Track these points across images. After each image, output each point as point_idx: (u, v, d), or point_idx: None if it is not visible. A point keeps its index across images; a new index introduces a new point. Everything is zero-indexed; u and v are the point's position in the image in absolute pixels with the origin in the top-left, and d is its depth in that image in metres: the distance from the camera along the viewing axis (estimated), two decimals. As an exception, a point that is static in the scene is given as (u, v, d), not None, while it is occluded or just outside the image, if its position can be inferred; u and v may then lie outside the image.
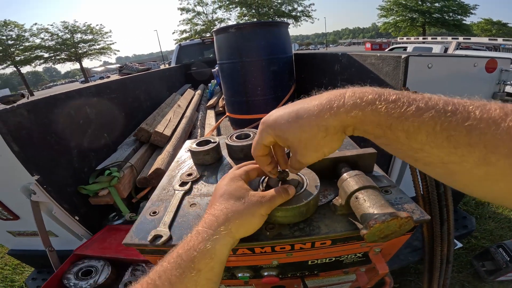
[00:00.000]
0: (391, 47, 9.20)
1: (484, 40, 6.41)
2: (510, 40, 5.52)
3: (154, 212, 0.57)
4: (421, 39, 7.36)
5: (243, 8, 27.25)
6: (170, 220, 0.53)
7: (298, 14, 28.29)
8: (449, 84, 1.14)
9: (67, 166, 1.25)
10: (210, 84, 3.75)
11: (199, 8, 27.94)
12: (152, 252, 0.51)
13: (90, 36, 30.21)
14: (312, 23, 29.37)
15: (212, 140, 0.75)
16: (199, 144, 0.75)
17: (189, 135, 2.17)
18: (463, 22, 23.53)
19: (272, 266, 0.57)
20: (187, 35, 28.33)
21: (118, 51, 35.08)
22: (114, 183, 1.30)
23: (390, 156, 1.23)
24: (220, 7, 27.74)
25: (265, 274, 0.58)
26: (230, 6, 27.31)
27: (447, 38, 6.37)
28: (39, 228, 1.02)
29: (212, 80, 3.80)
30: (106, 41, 31.42)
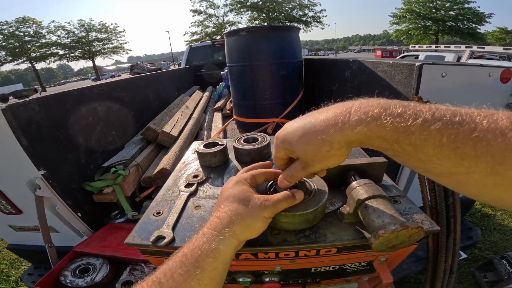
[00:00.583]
0: (402, 55, 9.10)
1: (498, 49, 6.27)
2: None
3: (158, 213, 0.56)
4: (433, 47, 7.26)
5: (254, 12, 27.46)
6: (174, 221, 0.52)
7: (309, 20, 28.33)
8: (462, 93, 1.11)
9: (73, 162, 1.26)
10: (218, 87, 3.77)
11: (210, 11, 28.34)
12: (154, 253, 0.51)
13: (105, 35, 30.82)
14: (322, 29, 29.38)
15: (220, 143, 0.75)
16: (207, 146, 0.75)
17: (195, 137, 2.18)
18: (478, 30, 23.08)
19: (274, 272, 0.56)
20: (198, 37, 28.68)
21: (130, 50, 35.79)
22: (119, 181, 1.30)
23: (399, 164, 1.20)
24: (231, 10, 28.03)
25: (266, 279, 0.57)
26: (241, 10, 27.55)
27: (460, 47, 6.27)
28: (40, 224, 1.02)
29: (220, 83, 3.82)
30: (119, 40, 32.10)
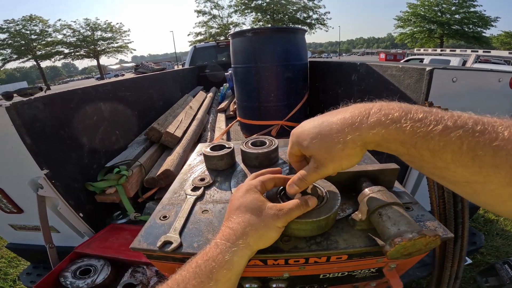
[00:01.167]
0: (406, 59, 9.06)
1: (504, 53, 6.24)
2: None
3: (165, 217, 0.55)
4: (438, 50, 7.22)
5: (258, 14, 27.48)
6: (181, 226, 0.51)
7: (313, 22, 28.29)
8: (471, 99, 1.10)
9: (76, 162, 1.25)
10: (222, 88, 3.77)
11: (215, 12, 28.40)
12: (160, 258, 0.50)
13: (110, 34, 30.92)
14: (326, 31, 29.32)
15: (227, 145, 0.73)
16: (213, 148, 0.74)
17: (199, 138, 2.17)
18: (483, 34, 22.90)
19: (282, 278, 0.55)
20: (202, 37, 28.76)
21: (135, 50, 35.92)
22: (122, 182, 1.29)
23: (406, 168, 1.19)
24: (235, 12, 28.07)
25: (273, 286, 0.55)
26: (246, 11, 27.59)
27: (466, 51, 6.24)
28: (42, 224, 1.01)
29: (224, 84, 3.81)
30: (124, 39, 32.21)
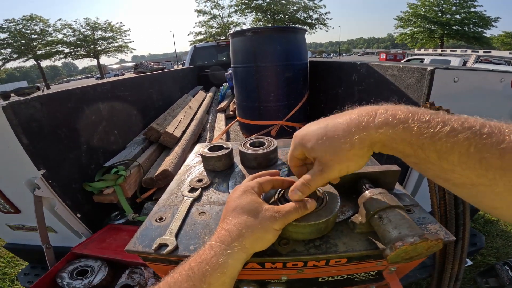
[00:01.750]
0: (407, 59, 9.05)
1: (505, 54, 6.24)
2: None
3: (161, 219, 0.54)
4: (439, 51, 7.21)
5: (258, 14, 27.46)
6: (177, 228, 0.50)
7: (313, 22, 28.24)
8: (473, 99, 1.08)
9: (74, 162, 1.24)
10: (221, 87, 3.75)
11: (215, 11, 28.36)
12: (156, 261, 0.49)
13: (110, 34, 30.89)
14: (327, 31, 29.29)
15: (225, 146, 0.72)
16: (211, 149, 0.72)
17: (198, 138, 2.16)
18: (483, 34, 22.89)
19: (280, 282, 0.54)
20: (202, 37, 28.74)
21: (135, 49, 35.89)
22: (120, 182, 1.28)
23: (406, 169, 1.18)
24: (236, 11, 28.03)
25: (271, 288, 0.54)
26: (246, 11, 27.56)
27: (466, 51, 6.24)
28: (39, 224, 1.00)
29: (224, 83, 3.80)
30: (124, 39, 32.20)
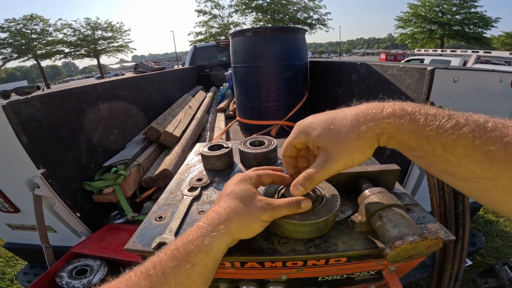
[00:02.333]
0: (407, 59, 9.07)
1: (505, 54, 6.25)
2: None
3: (160, 217, 0.54)
4: (439, 51, 7.22)
5: (258, 14, 27.45)
6: (177, 227, 0.50)
7: (314, 22, 28.23)
8: (473, 99, 1.09)
9: (74, 161, 1.24)
10: (221, 87, 3.75)
11: (215, 11, 28.35)
12: (155, 259, 0.49)
13: (110, 34, 30.85)
14: (327, 31, 29.27)
15: (225, 145, 0.72)
16: (211, 148, 0.72)
17: (198, 138, 2.16)
18: (484, 35, 22.89)
19: (280, 281, 0.54)
20: (202, 37, 28.73)
21: (135, 49, 35.88)
22: (119, 181, 1.28)
23: (406, 169, 1.18)
24: (236, 11, 28.02)
25: (271, 288, 0.54)
26: (246, 11, 27.55)
27: (466, 51, 6.25)
28: (38, 224, 1.00)
29: (224, 83, 3.80)
30: (124, 39, 32.17)
